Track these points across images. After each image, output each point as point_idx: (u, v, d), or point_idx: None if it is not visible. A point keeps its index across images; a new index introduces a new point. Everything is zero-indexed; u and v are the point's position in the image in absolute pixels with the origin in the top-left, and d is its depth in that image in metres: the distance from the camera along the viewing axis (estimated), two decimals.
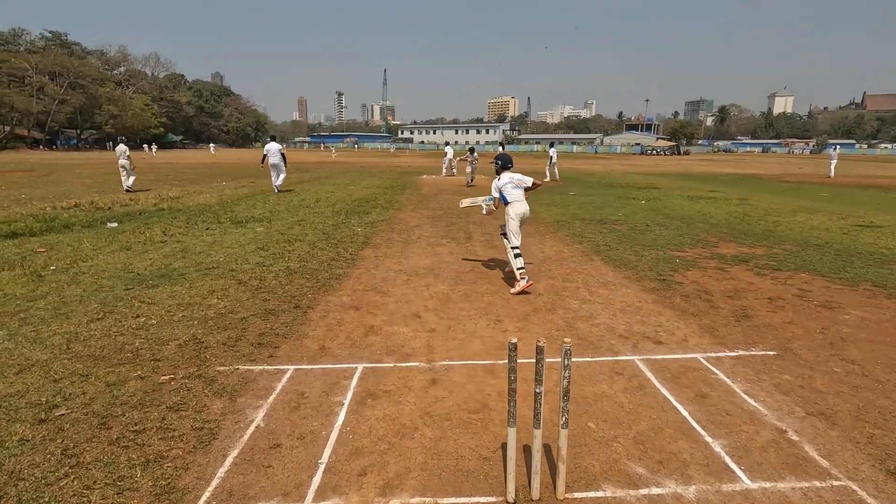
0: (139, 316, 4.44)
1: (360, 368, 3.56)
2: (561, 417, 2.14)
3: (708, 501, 2.27)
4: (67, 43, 73.44)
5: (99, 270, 5.90)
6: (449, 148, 23.90)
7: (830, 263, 6.66)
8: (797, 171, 32.90)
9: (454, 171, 23.65)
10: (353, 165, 32.97)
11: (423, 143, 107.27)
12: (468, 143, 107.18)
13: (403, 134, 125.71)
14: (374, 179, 20.96)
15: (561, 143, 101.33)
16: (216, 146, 59.10)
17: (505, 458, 2.45)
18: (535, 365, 2.06)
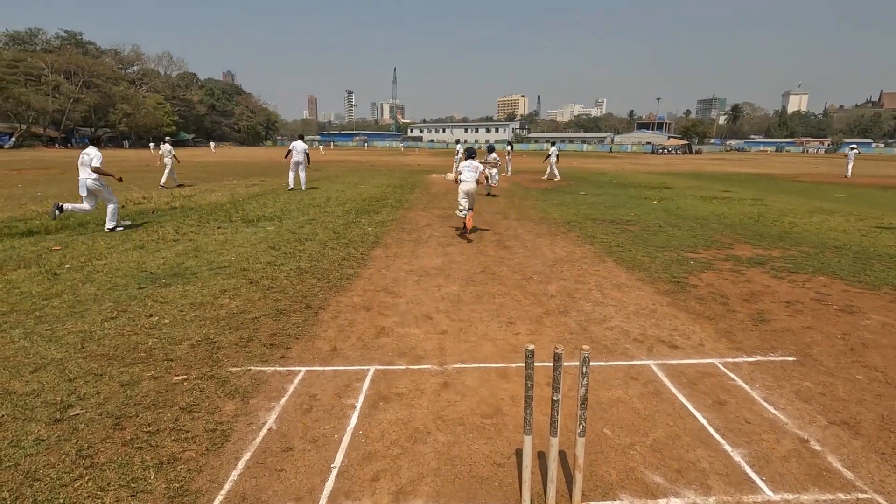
0: (152, 315, 4.46)
1: (371, 370, 3.54)
2: (578, 425, 2.10)
3: None
4: (82, 42, 74.53)
5: (113, 269, 5.95)
6: (460, 146, 22.97)
7: (849, 266, 6.52)
8: (812, 170, 32.40)
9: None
10: (362, 164, 33.03)
11: (432, 141, 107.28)
12: (477, 141, 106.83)
13: (413, 132, 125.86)
14: (383, 178, 20.99)
15: (571, 141, 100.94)
16: (216, 144, 59.47)
17: (520, 465, 2.41)
18: (552, 372, 2.01)
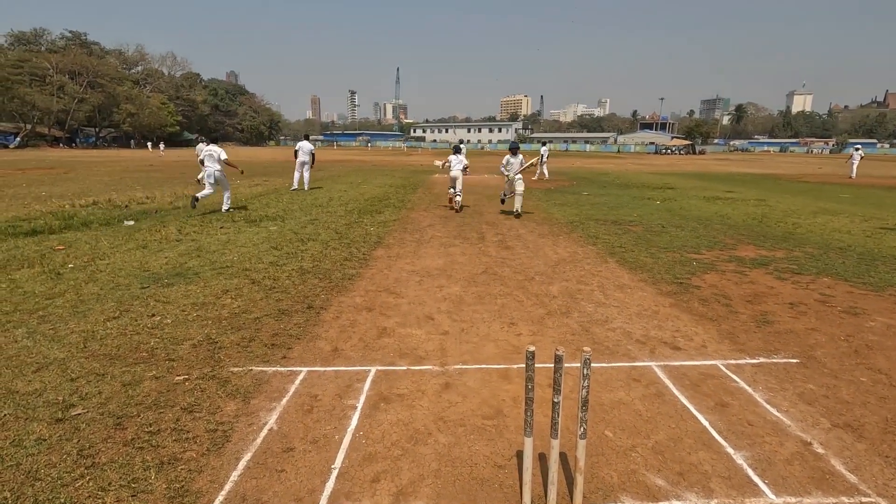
0: (154, 315, 4.47)
1: (373, 371, 3.54)
2: (579, 428, 2.09)
3: None
4: (87, 42, 74.72)
5: (116, 269, 5.97)
6: (463, 147, 22.66)
7: (854, 267, 6.48)
8: (817, 171, 32.24)
9: (468, 172, 23.22)
10: (365, 164, 33.06)
11: (434, 141, 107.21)
12: (480, 141, 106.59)
13: (416, 132, 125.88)
14: (386, 178, 20.99)
15: (574, 142, 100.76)
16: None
17: (521, 467, 2.40)
18: (553, 374, 2.01)
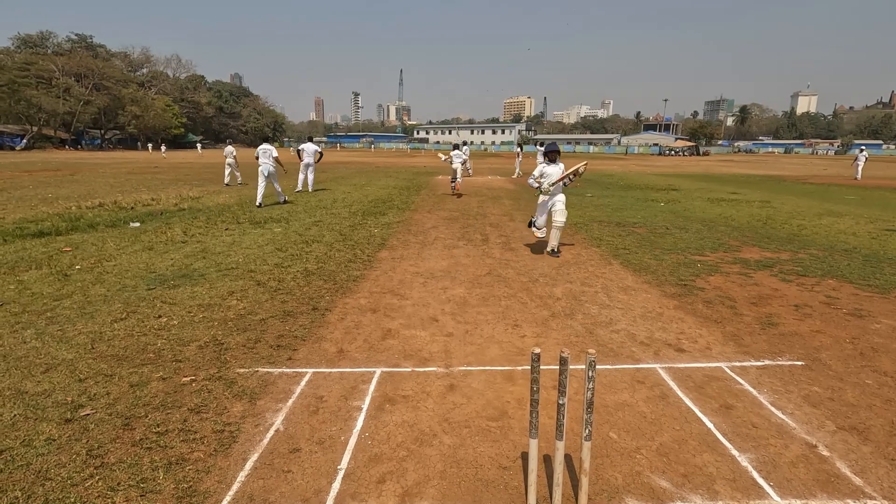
0: (161, 316, 4.50)
1: (378, 373, 3.56)
2: (584, 429, 2.10)
3: None
4: (93, 45, 75.35)
5: (122, 270, 6.02)
6: (466, 148, 21.72)
7: (859, 269, 6.46)
8: (822, 172, 32.10)
9: (470, 172, 23.46)
10: (368, 165, 33.14)
11: (438, 143, 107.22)
12: (483, 143, 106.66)
13: (419, 134, 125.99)
14: (389, 180, 21.04)
15: (578, 143, 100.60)
16: (202, 146, 60.88)
17: (526, 468, 2.42)
18: (559, 376, 2.02)
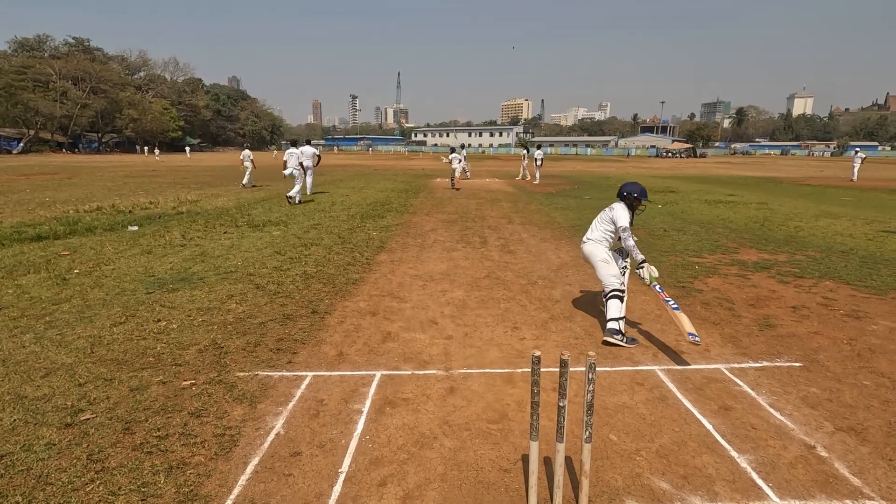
0: (160, 320, 4.50)
1: (378, 376, 3.56)
2: (585, 431, 2.11)
3: None
4: (90, 48, 75.13)
5: (121, 274, 6.01)
6: (464, 152, 21.89)
7: (856, 271, 6.49)
8: (818, 173, 32.22)
9: (468, 175, 23.61)
10: (366, 168, 33.16)
11: (436, 145, 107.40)
12: (481, 145, 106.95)
13: (417, 137, 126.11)
14: (387, 183, 21.05)
15: (575, 145, 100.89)
16: (191, 149, 61.28)
17: (526, 470, 2.42)
18: (559, 378, 2.03)
